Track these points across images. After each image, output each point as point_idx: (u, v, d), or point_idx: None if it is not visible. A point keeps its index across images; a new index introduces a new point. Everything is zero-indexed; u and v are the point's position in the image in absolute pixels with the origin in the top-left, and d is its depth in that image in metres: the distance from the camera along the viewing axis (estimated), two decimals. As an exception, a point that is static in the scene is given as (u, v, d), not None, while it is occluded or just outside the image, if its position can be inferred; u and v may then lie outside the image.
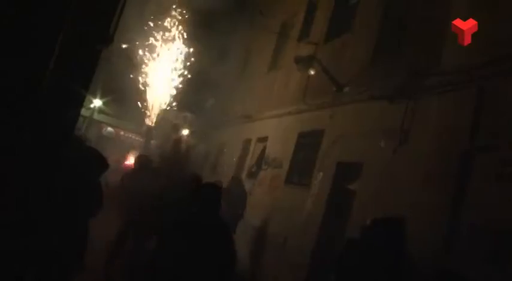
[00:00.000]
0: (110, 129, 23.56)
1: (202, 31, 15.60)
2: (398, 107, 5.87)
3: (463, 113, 4.78)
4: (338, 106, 7.59)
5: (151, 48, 16.82)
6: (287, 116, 9.52)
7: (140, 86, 16.86)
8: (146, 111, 16.99)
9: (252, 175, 10.54)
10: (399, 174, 5.47)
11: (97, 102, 21.71)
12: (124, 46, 15.21)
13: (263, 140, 10.83)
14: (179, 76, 16.96)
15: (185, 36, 16.81)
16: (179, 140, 12.53)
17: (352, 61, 7.64)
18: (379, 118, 6.27)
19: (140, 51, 16.52)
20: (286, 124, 9.49)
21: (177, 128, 15.12)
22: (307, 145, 8.47)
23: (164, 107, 17.00)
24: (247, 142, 11.97)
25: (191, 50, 16.75)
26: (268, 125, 10.64)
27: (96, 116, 22.59)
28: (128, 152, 15.16)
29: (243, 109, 12.52)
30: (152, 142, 15.21)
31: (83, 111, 19.70)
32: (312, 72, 7.95)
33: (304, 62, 8.05)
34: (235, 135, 13.05)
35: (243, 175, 10.78)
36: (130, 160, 12.44)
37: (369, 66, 7.10)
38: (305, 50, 8.98)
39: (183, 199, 4.39)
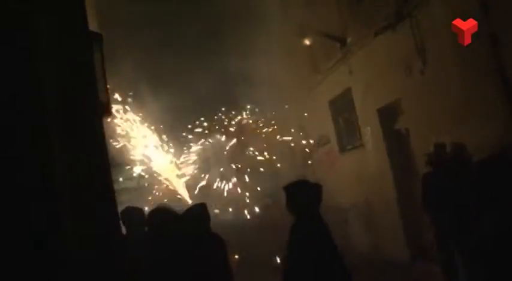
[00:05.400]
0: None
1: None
2: (405, 32, 5.71)
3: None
4: (350, 59, 7.45)
5: None
6: (308, 90, 9.32)
7: None
8: None
9: (305, 157, 10.34)
10: (437, 95, 5.31)
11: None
12: None
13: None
14: None
15: None
16: None
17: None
18: (393, 50, 6.10)
19: None
20: (311, 98, 9.30)
21: None
22: (342, 108, 8.34)
23: None
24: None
25: None
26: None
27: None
28: None
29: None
30: None
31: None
32: (308, 43, 7.84)
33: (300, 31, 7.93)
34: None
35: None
36: None
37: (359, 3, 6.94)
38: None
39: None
